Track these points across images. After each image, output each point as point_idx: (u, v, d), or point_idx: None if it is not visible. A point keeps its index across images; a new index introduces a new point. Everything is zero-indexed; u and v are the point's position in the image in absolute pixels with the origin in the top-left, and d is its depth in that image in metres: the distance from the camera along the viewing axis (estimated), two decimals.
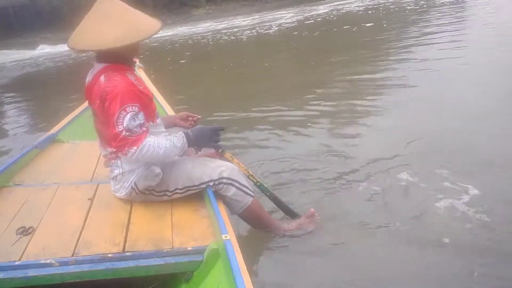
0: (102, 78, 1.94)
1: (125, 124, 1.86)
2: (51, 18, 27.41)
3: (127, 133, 1.87)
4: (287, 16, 18.48)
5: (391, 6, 15.69)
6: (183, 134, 2.08)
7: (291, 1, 29.73)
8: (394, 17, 12.92)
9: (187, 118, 2.44)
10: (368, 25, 11.57)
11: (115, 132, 1.87)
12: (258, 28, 15.82)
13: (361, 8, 17.14)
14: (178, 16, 28.09)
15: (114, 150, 2.01)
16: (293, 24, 15.23)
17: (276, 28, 14.91)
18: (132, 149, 1.89)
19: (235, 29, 17.09)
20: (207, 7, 31.59)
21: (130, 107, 1.87)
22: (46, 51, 19.56)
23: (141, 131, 1.90)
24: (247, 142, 4.05)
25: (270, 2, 31.59)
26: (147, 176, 2.04)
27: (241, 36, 14.68)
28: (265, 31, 14.68)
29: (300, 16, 17.33)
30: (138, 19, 1.97)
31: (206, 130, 2.16)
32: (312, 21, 15.41)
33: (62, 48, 19.75)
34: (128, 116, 1.87)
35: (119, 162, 2.06)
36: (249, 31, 15.37)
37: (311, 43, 10.85)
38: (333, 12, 17.45)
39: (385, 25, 11.06)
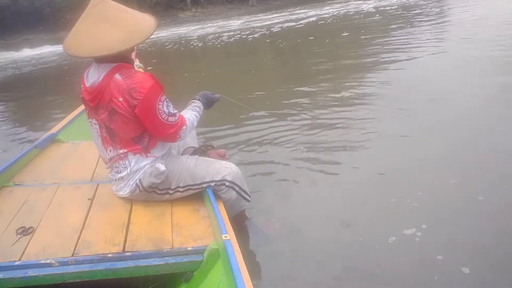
0: (118, 76, 1.90)
1: (166, 111, 1.98)
2: (33, 19, 26.98)
3: (172, 118, 2.01)
4: (275, 21, 18.41)
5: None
6: (197, 100, 2.34)
7: (277, 4, 29.92)
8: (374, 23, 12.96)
9: None
10: (344, 34, 11.48)
11: (164, 124, 1.98)
12: (242, 33, 15.67)
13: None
14: (164, 18, 27.91)
15: (126, 151, 2.03)
16: (279, 29, 15.22)
17: (263, 32, 14.86)
18: (183, 128, 2.07)
19: (214, 35, 16.85)
20: (193, 10, 31.50)
21: (162, 96, 1.97)
22: (29, 53, 19.24)
23: (177, 111, 2.06)
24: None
25: (257, 5, 31.73)
26: (152, 173, 2.05)
27: (216, 42, 14.44)
28: (250, 36, 14.55)
29: (288, 23, 17.27)
30: (136, 19, 1.97)
31: (207, 93, 2.43)
32: (302, 25, 15.40)
33: (46, 49, 19.50)
34: (164, 103, 1.98)
35: (127, 162, 2.06)
36: (227, 37, 15.13)
37: (298, 49, 10.82)
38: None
39: (362, 36, 10.86)
